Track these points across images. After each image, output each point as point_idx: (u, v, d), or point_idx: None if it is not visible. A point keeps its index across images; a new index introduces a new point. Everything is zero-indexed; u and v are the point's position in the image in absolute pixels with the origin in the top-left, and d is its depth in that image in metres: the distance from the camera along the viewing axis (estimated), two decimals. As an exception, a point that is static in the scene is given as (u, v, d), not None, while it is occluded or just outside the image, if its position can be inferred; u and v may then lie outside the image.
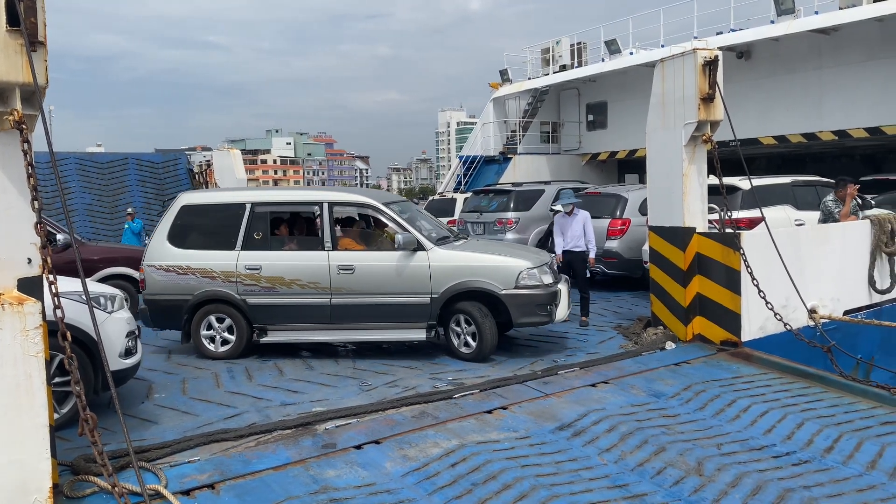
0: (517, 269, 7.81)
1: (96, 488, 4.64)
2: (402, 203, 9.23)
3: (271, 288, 8.09)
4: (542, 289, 7.85)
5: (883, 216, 9.76)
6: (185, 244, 8.43)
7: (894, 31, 15.72)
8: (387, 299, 7.90)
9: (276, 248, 8.36)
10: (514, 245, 9.57)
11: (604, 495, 4.78)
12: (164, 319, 8.55)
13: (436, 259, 7.88)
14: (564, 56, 23.61)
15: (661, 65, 8.66)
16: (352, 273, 7.92)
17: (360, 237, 8.64)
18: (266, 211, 8.44)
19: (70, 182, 19.43)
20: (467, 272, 7.84)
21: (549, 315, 7.90)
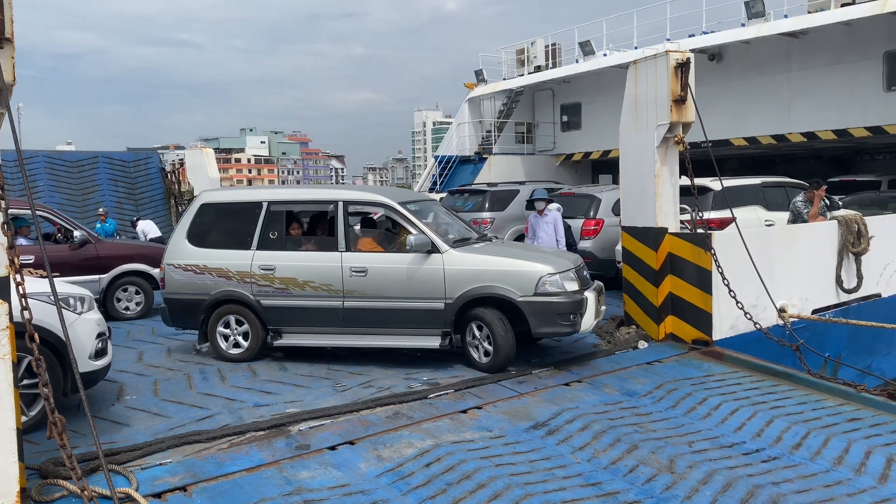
0: (537, 275, 7.25)
1: (65, 492, 4.57)
2: (424, 202, 8.88)
3: (285, 289, 7.86)
4: (564, 296, 7.23)
5: (850, 217, 9.95)
6: (203, 243, 8.28)
7: (861, 35, 16.04)
8: (399, 304, 7.52)
9: (291, 248, 8.11)
10: (543, 249, 8.94)
11: (577, 493, 4.82)
12: (182, 319, 8.41)
13: (451, 262, 7.43)
14: (539, 57, 23.73)
15: (634, 66, 8.75)
16: (364, 275, 7.59)
17: (377, 238, 8.22)
18: (282, 210, 8.20)
19: (38, 181, 19.09)
20: (484, 277, 7.34)
21: (572, 325, 7.28)
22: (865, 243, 9.76)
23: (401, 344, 7.65)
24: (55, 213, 11.09)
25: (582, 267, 7.92)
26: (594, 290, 7.69)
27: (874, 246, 9.84)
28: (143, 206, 19.75)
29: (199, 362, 8.11)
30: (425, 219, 8.13)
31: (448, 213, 9.05)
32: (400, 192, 9.06)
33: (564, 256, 8.06)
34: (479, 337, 7.41)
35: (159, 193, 20.23)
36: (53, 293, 4.33)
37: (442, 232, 7.97)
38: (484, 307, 7.36)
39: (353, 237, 8.00)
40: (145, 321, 11.00)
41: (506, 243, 9.71)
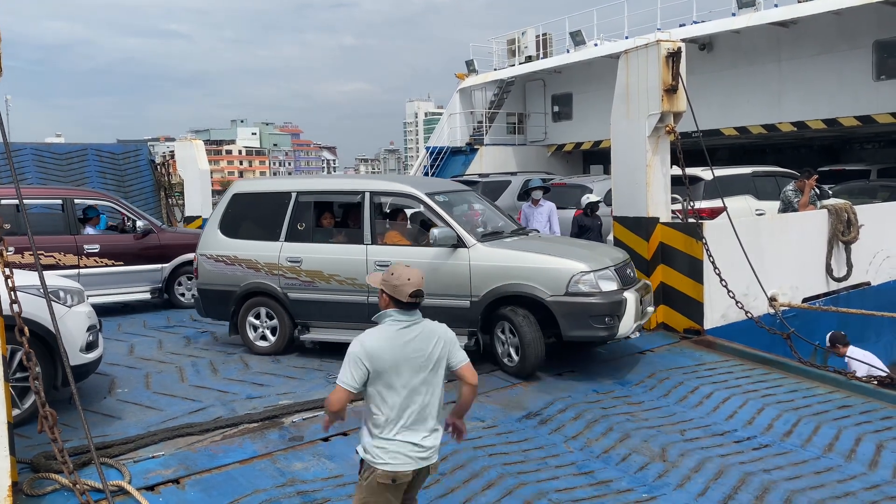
0: (568, 273, 6.68)
1: (57, 486, 4.56)
2: (457, 192, 8.43)
3: (311, 283, 7.67)
4: (599, 297, 6.64)
5: (840, 206, 10.00)
6: (234, 234, 8.20)
7: (851, 24, 16.06)
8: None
9: (318, 240, 7.87)
10: (586, 244, 8.21)
11: (570, 482, 4.84)
12: (214, 309, 8.36)
13: (477, 257, 6.98)
14: (530, 47, 23.63)
15: (625, 56, 8.74)
16: None
17: (404, 231, 7.83)
18: (310, 200, 7.98)
19: (27, 173, 18.91)
20: (512, 274, 6.84)
21: (608, 328, 6.66)
22: (855, 232, 9.82)
23: None
24: (120, 203, 11.11)
25: (625, 264, 7.31)
26: (637, 289, 7.06)
27: (863, 235, 9.89)
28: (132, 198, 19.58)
29: (190, 355, 8.09)
30: (456, 210, 7.80)
31: (486, 204, 8.65)
32: (430, 182, 8.65)
33: (606, 253, 7.42)
34: (506, 338, 6.94)
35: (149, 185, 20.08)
36: (43, 286, 4.30)
37: (471, 225, 7.62)
38: (511, 306, 6.86)
39: (380, 229, 7.67)
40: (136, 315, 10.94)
41: (547, 238, 8.71)
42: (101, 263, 10.23)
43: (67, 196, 10.63)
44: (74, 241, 10.17)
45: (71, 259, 10.03)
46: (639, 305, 6.91)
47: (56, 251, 9.96)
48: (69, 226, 10.30)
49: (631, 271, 7.34)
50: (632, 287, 7.03)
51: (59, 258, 9.94)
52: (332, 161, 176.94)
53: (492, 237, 7.46)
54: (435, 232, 6.98)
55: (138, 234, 10.63)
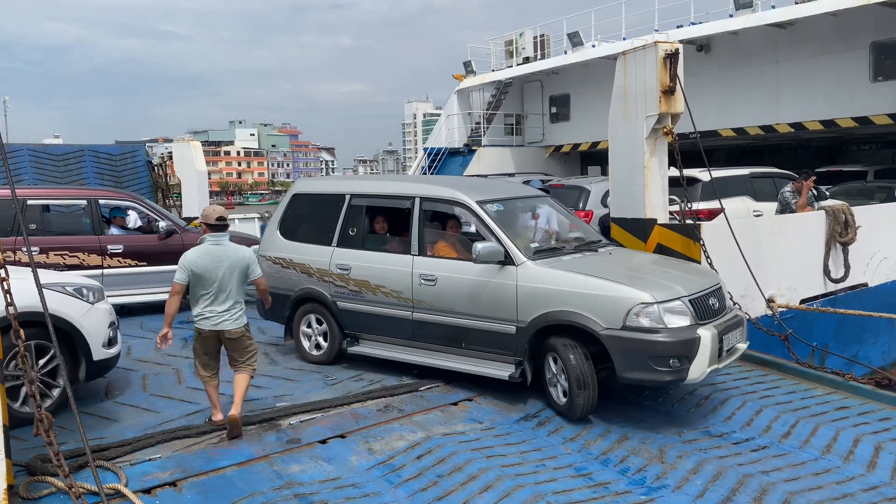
0: (627, 303, 5.66)
1: (53, 489, 4.54)
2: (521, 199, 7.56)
3: (359, 293, 7.21)
4: (664, 334, 5.58)
5: (837, 207, 10.00)
6: (292, 236, 7.94)
7: (848, 25, 16.08)
8: (466, 322, 6.47)
9: (369, 247, 7.35)
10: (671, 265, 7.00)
11: (568, 484, 4.83)
12: (272, 312, 7.90)
13: (526, 277, 6.14)
14: (528, 48, 23.65)
15: (623, 58, 8.73)
16: (433, 285, 6.64)
17: (454, 241, 7.02)
18: (362, 204, 7.50)
19: (23, 174, 18.86)
20: (561, 298, 5.94)
21: (672, 372, 5.59)
22: (853, 233, 9.82)
23: (468, 369, 6.49)
24: (145, 204, 11.03)
25: (710, 292, 6.18)
26: (720, 323, 5.97)
27: (861, 236, 9.90)
28: (129, 199, 19.56)
29: (187, 357, 8.04)
30: (516, 220, 7.09)
31: (559, 213, 7.71)
32: (488, 187, 7.92)
33: (687, 279, 6.28)
34: (557, 372, 6.04)
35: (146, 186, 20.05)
36: (37, 282, 4.27)
37: (526, 238, 6.80)
38: (560, 337, 5.96)
39: (430, 239, 7.00)
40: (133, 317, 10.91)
41: (621, 256, 7.21)
42: (124, 264, 10.21)
43: (92, 196, 10.61)
44: (98, 241, 10.15)
45: (95, 259, 10.03)
46: (717, 344, 5.75)
47: (80, 251, 9.98)
48: (93, 226, 10.30)
49: (717, 300, 6.22)
50: (715, 321, 5.95)
51: (83, 258, 9.95)
52: (330, 162, 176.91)
53: (548, 254, 6.51)
54: (478, 247, 6.18)
55: (162, 234, 10.52)
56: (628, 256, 7.28)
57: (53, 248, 9.86)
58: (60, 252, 9.85)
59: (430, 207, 7.10)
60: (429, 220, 7.21)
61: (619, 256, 7.06)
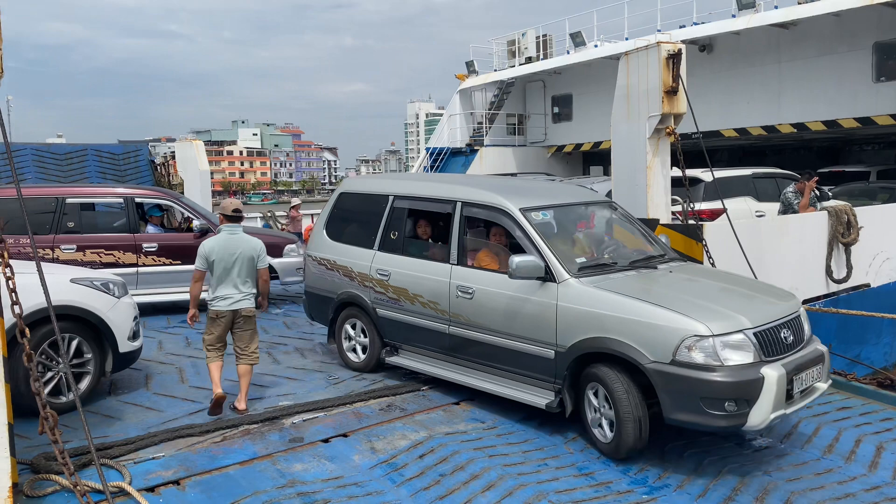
0: (678, 334, 4.91)
1: (58, 487, 4.56)
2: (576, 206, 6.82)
3: (397, 300, 6.82)
4: (720, 372, 4.80)
5: (840, 207, 10.01)
6: (338, 236, 7.66)
7: (850, 25, 16.08)
8: (501, 341, 5.93)
9: (410, 252, 6.92)
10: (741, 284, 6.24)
11: (570, 483, 4.85)
12: (317, 314, 7.92)
13: (567, 297, 5.49)
14: (530, 48, 23.65)
15: (625, 58, 8.74)
16: (470, 298, 6.14)
17: (497, 251, 6.37)
18: (405, 206, 7.09)
19: (26, 173, 18.92)
20: (604, 323, 5.25)
21: (729, 417, 4.80)
22: (855, 234, 9.83)
23: (504, 392, 5.95)
24: (180, 202, 11.00)
25: (784, 322, 5.29)
26: (789, 362, 5.07)
27: (863, 236, 9.90)
28: (132, 198, 19.58)
29: (190, 356, 8.09)
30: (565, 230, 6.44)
31: (617, 220, 6.94)
32: (538, 191, 7.24)
33: (757, 307, 5.43)
34: (599, 404, 5.32)
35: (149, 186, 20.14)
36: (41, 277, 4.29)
37: (573, 251, 6.09)
38: (605, 365, 5.26)
39: (471, 247, 6.48)
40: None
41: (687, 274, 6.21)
42: (158, 262, 10.25)
43: (129, 195, 10.65)
44: (133, 239, 10.20)
45: (130, 257, 10.10)
46: (785, 385, 4.92)
47: (116, 249, 10.06)
48: (129, 224, 10.34)
49: (792, 332, 5.31)
50: (785, 357, 5.11)
51: (118, 256, 10.03)
52: (333, 162, 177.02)
53: (596, 270, 5.76)
54: (515, 260, 5.55)
55: (196, 233, 10.45)
56: (692, 276, 6.23)
57: (90, 246, 9.96)
58: (96, 250, 9.94)
59: (472, 213, 6.51)
60: (472, 226, 6.69)
61: (681, 276, 6.11)
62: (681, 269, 6.27)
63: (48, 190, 10.93)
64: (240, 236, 6.13)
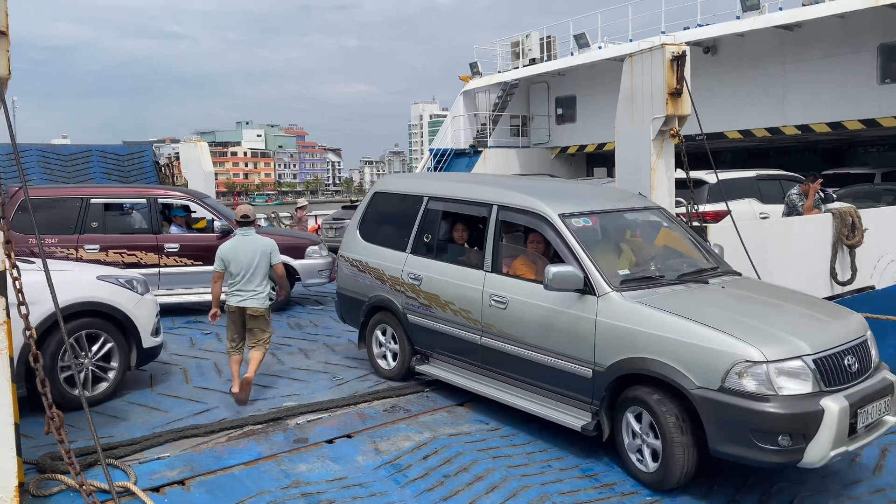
0: (728, 359, 4.46)
1: (63, 486, 4.58)
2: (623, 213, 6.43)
3: (428, 307, 6.52)
4: (773, 402, 4.35)
5: (844, 209, 9.99)
6: (371, 237, 7.43)
7: (855, 27, 16.06)
8: (535, 355, 5.54)
9: (443, 257, 6.63)
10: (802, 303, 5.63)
11: (574, 485, 4.85)
12: (348, 316, 7.73)
13: (607, 312, 5.08)
14: (534, 50, 23.68)
15: (629, 60, 8.74)
16: (504, 308, 5.78)
17: (534, 259, 5.97)
18: (439, 208, 6.81)
19: (32, 174, 18.98)
20: (648, 343, 4.82)
21: (783, 452, 4.34)
22: (860, 236, 9.81)
23: (537, 411, 5.58)
24: (203, 203, 10.93)
25: (849, 348, 4.77)
26: (853, 393, 4.56)
27: (868, 238, 9.89)
28: (137, 199, 19.61)
29: (195, 357, 8.11)
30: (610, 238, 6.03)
31: (667, 228, 6.46)
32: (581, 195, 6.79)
33: (818, 330, 4.92)
34: (641, 430, 4.88)
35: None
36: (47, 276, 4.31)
37: (616, 262, 5.65)
38: (649, 388, 4.82)
39: (508, 253, 6.12)
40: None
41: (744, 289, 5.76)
42: (180, 263, 10.25)
43: (152, 195, 10.67)
44: (156, 239, 10.21)
45: (152, 258, 10.12)
46: (848, 419, 4.42)
47: (139, 250, 10.08)
48: (151, 225, 10.36)
49: (857, 359, 4.77)
50: (849, 387, 4.59)
51: (140, 257, 10.05)
52: (337, 163, 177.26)
53: (640, 284, 5.34)
54: (551, 270, 5.17)
55: (218, 234, 10.38)
56: (747, 293, 5.70)
57: (112, 247, 9.98)
58: (119, 250, 9.97)
59: (508, 217, 6.13)
60: (509, 231, 6.30)
61: (734, 292, 5.56)
62: (735, 285, 5.73)
63: (73, 190, 10.97)
64: (253, 237, 6.53)
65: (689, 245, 6.31)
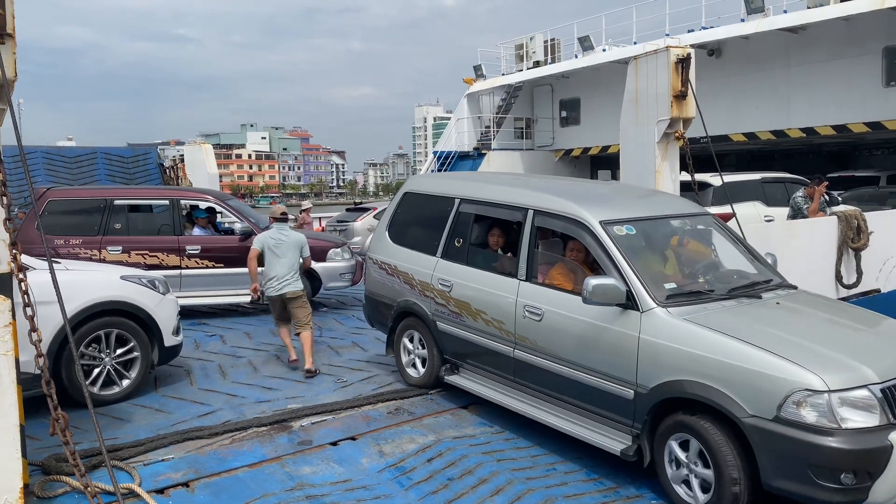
0: (785, 386, 4.07)
1: (68, 488, 4.59)
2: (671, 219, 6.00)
3: (459, 315, 6.22)
4: (836, 436, 3.94)
5: (849, 212, 9.96)
6: (400, 239, 7.16)
7: (860, 30, 16.03)
8: (572, 372, 5.16)
9: (475, 263, 6.27)
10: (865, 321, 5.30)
11: (579, 488, 4.84)
12: (376, 319, 7.52)
13: (652, 329, 4.70)
14: (538, 52, 23.69)
15: (634, 62, 8.73)
16: (539, 320, 5.41)
17: (576, 269, 5.56)
18: (471, 211, 6.48)
19: (37, 176, 19.04)
20: (696, 365, 4.43)
21: (846, 491, 3.94)
22: (865, 239, 9.78)
23: (573, 431, 5.21)
24: (225, 205, 10.85)
25: None
26: None
27: (873, 241, 9.85)
28: (142, 201, 19.65)
29: (199, 358, 8.12)
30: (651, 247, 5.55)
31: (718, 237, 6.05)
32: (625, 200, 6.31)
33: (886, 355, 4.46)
34: (686, 459, 4.49)
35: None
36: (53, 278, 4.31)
37: (662, 274, 5.27)
38: (700, 416, 4.41)
39: (544, 261, 5.76)
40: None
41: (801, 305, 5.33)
42: (201, 265, 10.18)
43: (174, 197, 10.65)
44: (177, 241, 10.17)
45: (174, 259, 10.08)
46: None
47: (160, 251, 10.06)
48: (173, 226, 10.33)
49: None
50: None
51: (162, 258, 10.03)
52: (341, 165, 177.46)
53: (688, 298, 4.94)
54: (591, 283, 4.78)
55: (240, 236, 10.36)
56: (804, 310, 5.25)
57: (135, 248, 9.98)
58: (141, 252, 9.97)
59: (545, 223, 5.75)
60: (545, 237, 5.96)
61: (791, 309, 5.15)
62: (790, 300, 5.30)
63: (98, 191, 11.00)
64: (287, 232, 7.63)
65: (739, 254, 5.87)
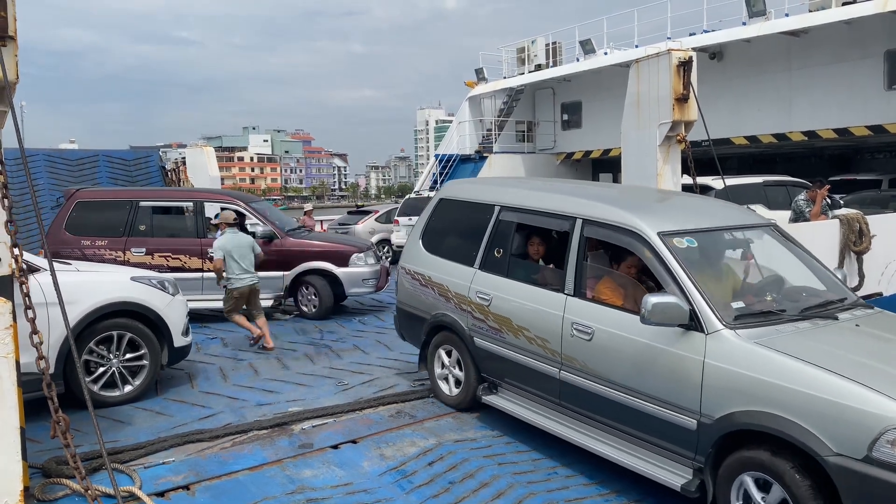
0: (878, 422, 3.56)
1: (68, 491, 4.58)
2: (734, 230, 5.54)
3: (498, 331, 5.75)
4: None
5: (851, 216, 9.94)
6: (435, 249, 6.72)
7: (862, 33, 16.02)
8: (626, 398, 4.69)
9: (516, 275, 5.81)
10: None
11: (580, 492, 4.83)
12: (407, 332, 7.12)
13: (718, 354, 4.22)
14: (539, 55, 23.71)
15: (636, 65, 8.74)
16: (589, 339, 4.94)
17: (627, 285, 5.12)
18: (512, 220, 5.99)
19: (39, 179, 19.07)
20: (770, 395, 3.94)
21: None
22: (867, 242, 9.76)
23: (627, 462, 4.73)
24: (248, 208, 10.73)
25: None
26: None
27: (876, 245, 9.83)
28: (143, 204, 19.67)
29: (200, 361, 8.12)
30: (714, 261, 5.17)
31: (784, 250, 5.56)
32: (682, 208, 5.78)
33: None
34: (760, 500, 3.98)
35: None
36: (53, 279, 4.31)
37: (728, 292, 4.84)
38: (771, 453, 3.92)
39: (593, 274, 5.27)
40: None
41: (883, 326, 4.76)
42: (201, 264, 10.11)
43: (199, 199, 10.62)
44: (199, 244, 10.14)
45: (196, 262, 10.07)
46: None
47: (183, 253, 10.06)
48: (196, 229, 10.31)
49: None
50: None
51: (184, 261, 10.04)
52: (343, 168, 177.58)
53: (758, 319, 4.45)
54: (650, 301, 4.33)
55: (261, 239, 10.21)
56: (887, 333, 4.66)
57: (158, 250, 9.99)
58: (164, 254, 9.98)
59: (595, 234, 5.24)
60: (595, 248, 5.46)
61: (873, 332, 4.61)
62: (871, 323, 4.72)
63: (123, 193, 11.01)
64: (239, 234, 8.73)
65: (809, 270, 5.42)
